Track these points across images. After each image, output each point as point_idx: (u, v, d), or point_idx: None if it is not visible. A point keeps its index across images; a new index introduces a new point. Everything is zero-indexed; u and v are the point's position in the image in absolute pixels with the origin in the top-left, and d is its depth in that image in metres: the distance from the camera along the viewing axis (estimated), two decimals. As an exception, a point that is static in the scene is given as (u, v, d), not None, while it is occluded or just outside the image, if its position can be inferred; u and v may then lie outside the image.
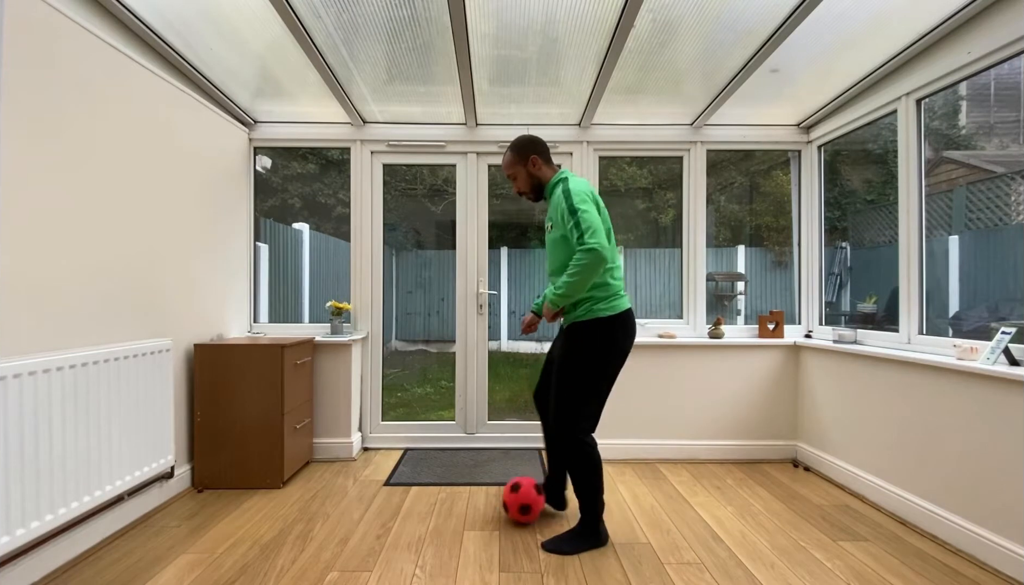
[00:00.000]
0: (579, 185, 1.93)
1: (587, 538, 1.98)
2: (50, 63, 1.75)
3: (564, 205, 1.88)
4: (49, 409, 1.69)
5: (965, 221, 3.31)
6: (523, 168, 2.07)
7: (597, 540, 1.98)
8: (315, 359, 2.99)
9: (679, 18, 2.16)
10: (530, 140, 2.09)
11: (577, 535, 1.99)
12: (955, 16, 2.05)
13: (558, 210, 1.92)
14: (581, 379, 1.93)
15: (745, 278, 4.81)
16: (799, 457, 2.97)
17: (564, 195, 1.90)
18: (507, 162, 2.10)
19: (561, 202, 1.90)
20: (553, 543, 1.97)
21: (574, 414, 1.93)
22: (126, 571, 1.79)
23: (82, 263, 1.89)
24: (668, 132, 3.17)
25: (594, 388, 1.94)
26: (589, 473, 1.93)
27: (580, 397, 1.93)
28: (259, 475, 2.52)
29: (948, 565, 1.85)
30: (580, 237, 1.81)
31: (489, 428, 3.26)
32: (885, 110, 2.54)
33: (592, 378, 1.93)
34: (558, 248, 1.98)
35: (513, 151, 2.08)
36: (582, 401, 1.93)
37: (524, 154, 2.06)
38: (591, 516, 1.98)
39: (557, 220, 1.95)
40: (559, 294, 1.87)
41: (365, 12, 2.14)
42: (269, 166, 3.88)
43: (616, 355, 1.93)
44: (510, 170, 2.10)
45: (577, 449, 1.93)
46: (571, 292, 1.85)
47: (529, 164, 2.06)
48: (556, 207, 1.95)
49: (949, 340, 2.16)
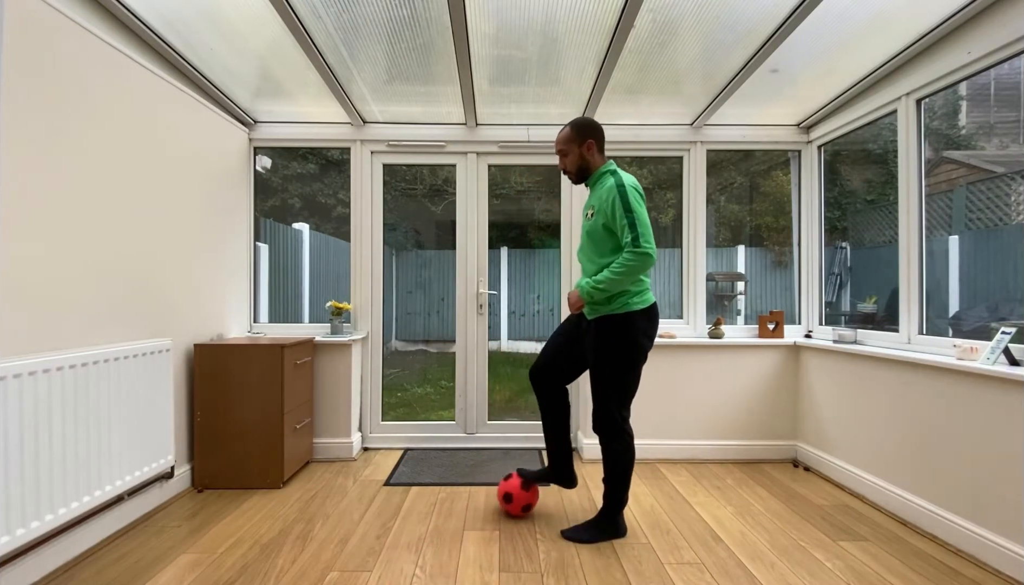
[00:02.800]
0: (633, 182, 1.97)
1: (606, 529, 2.02)
2: (50, 63, 1.75)
3: (619, 200, 1.89)
4: (49, 409, 1.69)
5: (965, 221, 3.31)
6: (577, 148, 2.05)
7: (616, 531, 2.03)
8: (315, 359, 2.99)
9: (679, 18, 2.16)
10: (591, 124, 2.08)
11: (596, 524, 2.04)
12: (955, 16, 2.05)
13: (609, 202, 1.92)
14: (622, 371, 1.98)
15: (745, 278, 4.81)
16: (799, 457, 2.97)
17: (619, 189, 1.90)
18: (563, 138, 2.07)
19: (615, 195, 1.91)
20: (573, 532, 2.02)
21: (618, 405, 1.99)
22: (126, 571, 1.79)
23: (82, 263, 1.89)
24: (668, 132, 3.17)
25: (634, 378, 2.01)
26: (627, 463, 2.00)
27: (623, 389, 1.99)
28: (259, 475, 2.52)
29: (948, 565, 1.85)
30: (635, 239, 1.84)
31: (489, 428, 3.26)
32: (885, 110, 2.54)
33: (632, 369, 1.99)
34: (599, 238, 1.99)
35: (572, 128, 2.07)
36: (625, 392, 2.00)
37: (583, 135, 2.05)
38: (615, 506, 2.03)
39: (607, 212, 1.94)
40: (598, 288, 1.91)
41: (365, 12, 2.14)
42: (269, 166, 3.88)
43: (648, 346, 2.01)
44: (563, 146, 2.08)
45: (620, 439, 1.99)
46: (611, 288, 1.90)
47: (584, 147, 2.05)
48: (607, 198, 1.94)
49: (949, 340, 2.16)
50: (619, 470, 2.00)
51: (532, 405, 2.16)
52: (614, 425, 1.99)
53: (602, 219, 1.96)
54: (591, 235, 2.02)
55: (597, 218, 1.98)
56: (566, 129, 2.08)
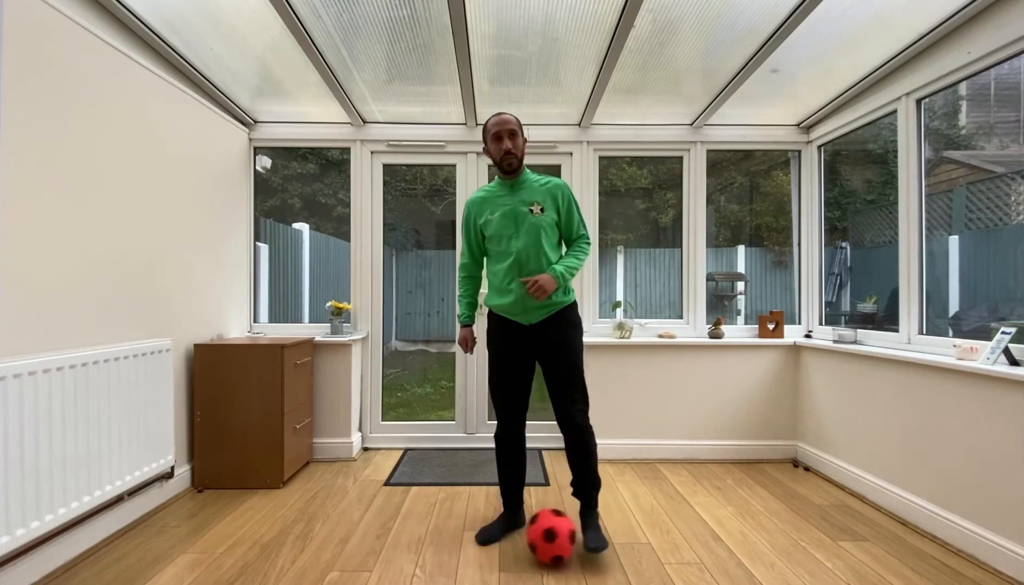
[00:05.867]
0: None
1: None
2: (50, 63, 1.75)
3: (573, 199, 2.06)
4: (49, 409, 1.69)
5: (965, 221, 3.31)
6: (522, 139, 2.03)
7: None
8: (315, 359, 2.99)
9: (679, 18, 2.16)
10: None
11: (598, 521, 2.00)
12: (955, 16, 2.05)
13: (560, 197, 2.02)
14: (583, 356, 2.02)
15: (745, 278, 4.82)
16: (799, 457, 2.97)
17: (568, 188, 2.05)
18: (515, 123, 2.01)
19: (568, 194, 2.04)
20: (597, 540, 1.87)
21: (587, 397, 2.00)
22: (126, 571, 1.79)
23: (82, 263, 1.89)
24: (668, 132, 3.17)
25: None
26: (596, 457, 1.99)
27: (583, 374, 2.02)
28: (259, 475, 2.52)
29: (948, 565, 1.85)
30: (587, 233, 2.09)
31: (489, 428, 3.26)
32: (885, 110, 2.54)
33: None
34: (548, 231, 2.00)
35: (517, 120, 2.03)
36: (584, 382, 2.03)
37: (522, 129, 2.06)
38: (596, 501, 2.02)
39: (560, 208, 2.03)
40: (572, 274, 1.98)
41: (365, 12, 2.14)
42: (269, 166, 3.88)
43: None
44: (517, 130, 2.00)
45: (592, 435, 1.98)
46: (574, 275, 2.00)
47: (524, 140, 2.04)
48: (558, 194, 2.02)
49: (949, 340, 2.16)
50: (595, 465, 1.98)
51: (532, 405, 2.12)
52: (587, 419, 1.96)
53: (553, 216, 2.01)
54: (540, 228, 1.97)
55: (548, 214, 1.99)
56: (514, 118, 2.01)
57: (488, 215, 2.01)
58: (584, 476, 1.97)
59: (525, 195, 2.00)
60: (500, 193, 2.03)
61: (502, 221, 1.98)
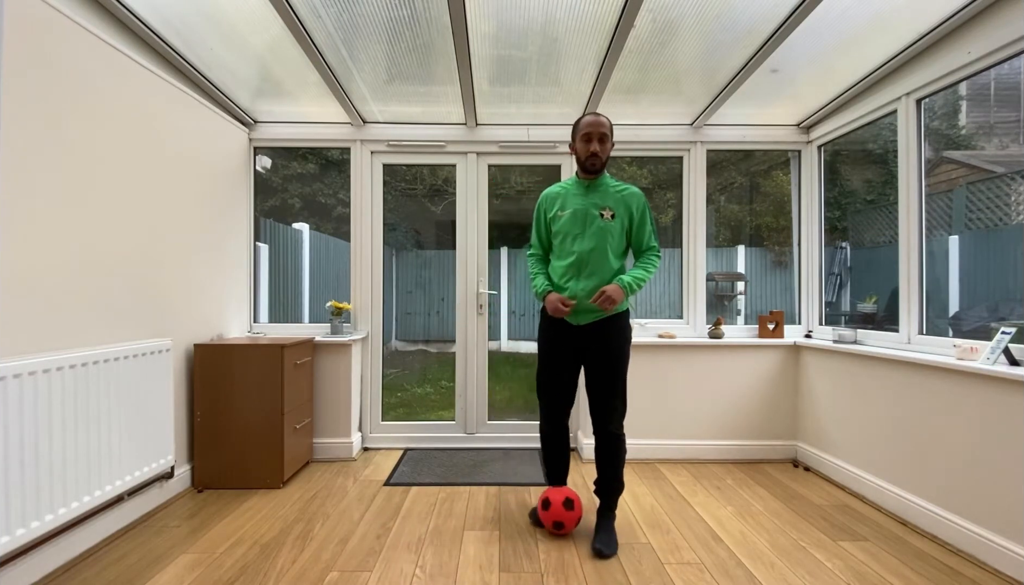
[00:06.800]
0: None
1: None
2: (50, 63, 1.75)
3: (646, 208, 2.04)
4: (49, 409, 1.69)
5: (965, 221, 3.31)
6: (610, 144, 2.03)
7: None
8: (315, 359, 2.98)
9: (679, 18, 2.16)
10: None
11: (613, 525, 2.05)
12: (955, 16, 2.05)
13: (635, 206, 2.02)
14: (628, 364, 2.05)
15: (745, 278, 4.81)
16: (799, 457, 2.97)
17: (644, 198, 2.04)
18: (608, 127, 2.00)
19: (642, 202, 2.03)
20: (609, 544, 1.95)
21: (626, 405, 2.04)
22: (126, 571, 1.79)
23: (82, 263, 1.89)
24: (668, 132, 3.17)
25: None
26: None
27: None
28: (259, 475, 2.52)
29: (948, 565, 1.85)
30: (658, 246, 2.05)
31: (489, 428, 3.26)
32: (885, 110, 2.54)
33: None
34: (614, 236, 2.00)
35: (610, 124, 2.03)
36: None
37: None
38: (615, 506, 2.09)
39: (634, 216, 2.02)
40: (639, 286, 1.98)
41: (365, 12, 2.14)
42: (269, 166, 3.88)
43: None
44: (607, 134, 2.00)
45: (624, 442, 2.03)
46: (642, 286, 2.00)
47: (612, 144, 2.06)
48: (633, 203, 2.02)
49: (949, 340, 2.16)
50: (622, 471, 2.04)
51: (532, 405, 2.14)
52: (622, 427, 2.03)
53: (623, 223, 2.01)
54: (608, 233, 1.99)
55: (620, 220, 2.01)
56: (606, 119, 2.01)
57: (559, 210, 2.05)
58: (609, 479, 2.03)
59: (599, 198, 2.02)
60: (575, 191, 2.06)
61: (571, 219, 2.01)
